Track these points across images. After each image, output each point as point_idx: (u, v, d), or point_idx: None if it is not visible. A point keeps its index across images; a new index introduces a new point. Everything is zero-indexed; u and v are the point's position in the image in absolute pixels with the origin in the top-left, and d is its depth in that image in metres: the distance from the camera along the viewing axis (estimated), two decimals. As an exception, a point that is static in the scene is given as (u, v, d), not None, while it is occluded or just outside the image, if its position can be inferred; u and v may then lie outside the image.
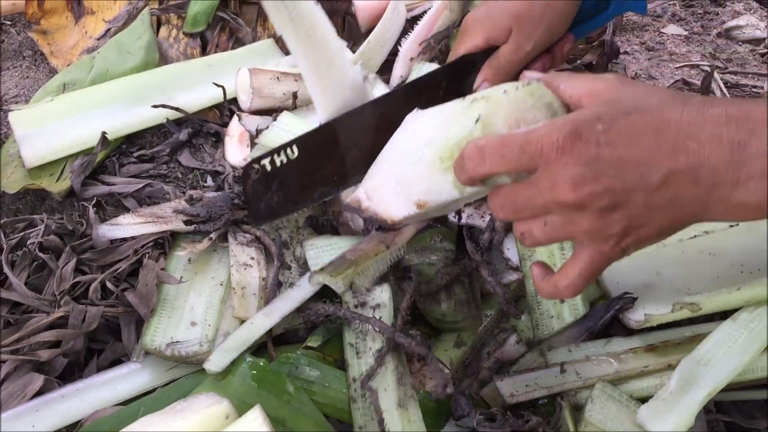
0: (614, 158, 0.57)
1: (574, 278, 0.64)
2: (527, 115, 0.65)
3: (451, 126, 0.70)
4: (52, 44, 1.47)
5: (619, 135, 0.57)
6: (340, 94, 0.88)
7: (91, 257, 1.02)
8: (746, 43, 1.49)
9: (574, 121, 0.58)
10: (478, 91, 0.87)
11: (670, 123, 0.56)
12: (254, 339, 0.93)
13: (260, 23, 1.47)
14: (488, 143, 0.62)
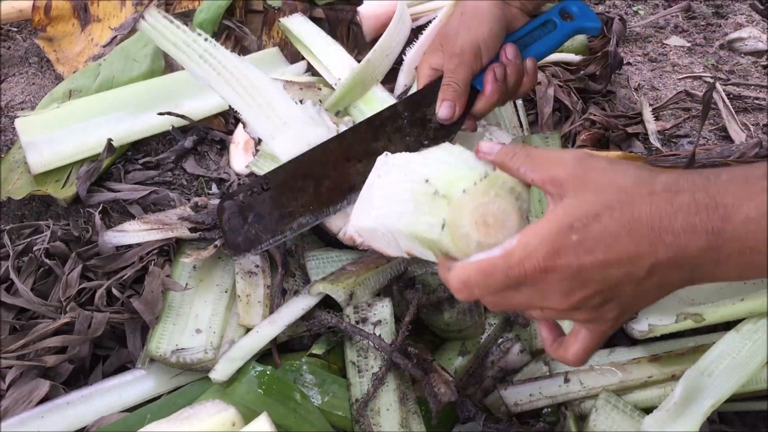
0: (597, 264, 0.58)
1: (579, 353, 0.66)
2: (492, 208, 0.64)
3: (420, 216, 0.68)
4: (58, 51, 1.48)
5: (595, 242, 0.58)
6: (298, 132, 0.94)
7: (97, 264, 1.03)
8: (748, 55, 1.50)
9: (548, 236, 0.59)
10: (438, 114, 0.92)
11: (641, 219, 0.57)
12: (260, 348, 0.93)
13: (265, 32, 1.47)
14: (471, 277, 0.63)
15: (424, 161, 0.71)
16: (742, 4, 1.63)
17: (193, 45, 0.98)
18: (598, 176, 0.60)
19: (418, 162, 0.72)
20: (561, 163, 0.62)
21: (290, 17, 1.42)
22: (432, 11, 1.41)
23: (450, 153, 0.71)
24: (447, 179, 0.67)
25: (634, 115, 1.32)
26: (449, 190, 0.65)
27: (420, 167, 0.70)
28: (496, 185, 0.65)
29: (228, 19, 1.44)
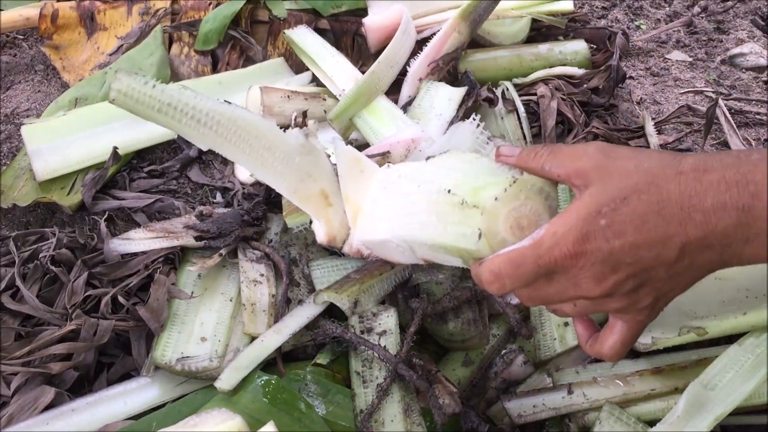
0: (627, 247, 0.58)
1: (616, 347, 0.66)
2: (525, 210, 0.65)
3: (448, 226, 0.69)
4: (64, 59, 1.48)
5: (624, 224, 0.58)
6: (292, 165, 0.91)
7: (102, 271, 1.03)
8: (749, 71, 1.51)
9: (576, 223, 0.59)
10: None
11: (670, 199, 0.57)
12: (265, 356, 0.93)
13: (271, 42, 1.48)
14: (502, 268, 0.63)
15: (437, 170, 0.71)
16: (743, 20, 1.65)
17: (178, 104, 0.87)
18: (622, 163, 0.60)
19: (430, 171, 0.72)
20: (584, 155, 0.62)
21: (295, 28, 1.43)
22: (436, 23, 1.42)
23: (463, 160, 0.71)
24: (472, 187, 0.67)
25: (637, 129, 1.33)
26: (478, 199, 0.66)
27: (435, 177, 0.71)
28: (526, 188, 0.65)
29: (233, 30, 1.45)
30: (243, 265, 1.05)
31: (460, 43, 1.34)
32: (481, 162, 0.70)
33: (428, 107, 1.25)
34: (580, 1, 1.70)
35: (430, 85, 1.30)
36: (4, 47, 1.56)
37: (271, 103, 1.26)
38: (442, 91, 1.27)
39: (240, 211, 1.10)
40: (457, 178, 0.69)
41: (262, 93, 1.26)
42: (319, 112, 1.30)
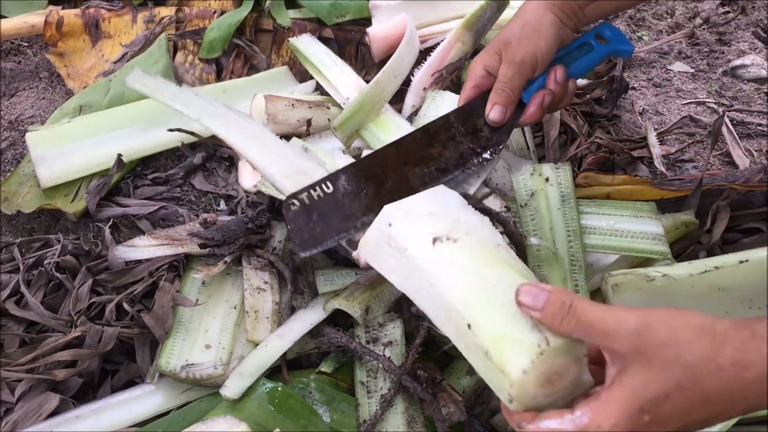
0: (675, 429, 0.60)
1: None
2: (554, 368, 0.64)
3: (474, 359, 0.69)
4: (68, 66, 1.49)
5: (668, 418, 0.59)
6: (294, 165, 1.03)
7: (107, 278, 1.03)
8: (751, 82, 1.52)
9: (619, 419, 0.60)
10: (489, 116, 0.99)
11: (712, 395, 0.58)
12: (270, 363, 0.94)
13: (275, 51, 1.49)
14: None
15: (449, 281, 0.71)
16: (744, 32, 1.65)
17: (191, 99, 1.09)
18: (661, 352, 0.59)
19: (443, 284, 0.71)
20: (618, 337, 0.61)
21: (299, 37, 1.43)
22: (440, 33, 1.43)
23: (481, 285, 0.70)
24: (493, 336, 0.65)
25: (639, 139, 1.33)
26: (503, 362, 0.64)
27: (447, 294, 0.70)
28: (553, 355, 0.64)
29: (238, 38, 1.46)
30: (247, 273, 1.05)
31: (464, 53, 1.35)
32: (500, 290, 0.68)
33: (433, 116, 1.25)
34: (582, 12, 1.71)
35: (435, 94, 1.31)
36: (9, 54, 1.57)
37: (275, 111, 1.27)
38: (447, 100, 1.28)
39: (244, 219, 1.10)
40: (474, 310, 0.68)
41: (267, 101, 1.27)
42: (322, 121, 1.31)
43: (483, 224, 0.78)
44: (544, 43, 0.96)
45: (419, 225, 0.76)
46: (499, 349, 0.64)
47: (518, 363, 0.63)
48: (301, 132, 1.30)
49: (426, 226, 0.76)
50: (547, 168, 1.10)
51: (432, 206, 0.79)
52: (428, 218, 0.77)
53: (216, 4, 1.53)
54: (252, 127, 1.07)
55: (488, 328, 0.66)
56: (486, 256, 0.72)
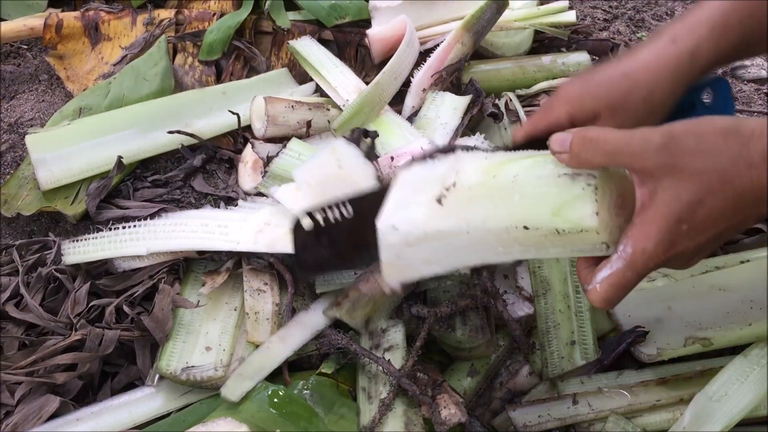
0: (711, 238, 0.63)
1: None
2: (619, 193, 0.68)
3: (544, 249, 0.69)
4: (68, 69, 1.49)
5: (705, 223, 0.62)
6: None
7: (107, 283, 1.03)
8: (751, 82, 1.52)
9: (661, 236, 0.62)
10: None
11: (744, 193, 0.60)
12: (272, 367, 0.94)
13: (274, 53, 1.49)
14: (610, 294, 0.67)
15: (478, 214, 0.70)
16: (744, 33, 1.66)
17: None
18: (690, 162, 0.61)
19: (477, 221, 0.70)
20: (646, 155, 0.62)
21: (299, 39, 1.43)
22: (440, 35, 1.43)
23: (504, 189, 0.70)
24: (550, 214, 0.66)
25: (640, 140, 1.33)
26: (576, 224, 0.65)
27: (487, 223, 0.69)
28: (605, 183, 0.66)
29: (237, 40, 1.45)
30: (247, 275, 1.05)
31: (464, 54, 1.35)
32: (532, 173, 0.69)
33: (433, 117, 1.26)
34: (582, 14, 1.71)
35: (435, 95, 1.31)
36: (8, 57, 1.57)
37: (275, 114, 1.27)
38: (447, 101, 1.28)
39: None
40: (509, 203, 0.68)
41: (267, 103, 1.27)
42: (322, 123, 1.31)
43: (459, 158, 0.75)
44: (650, 120, 0.79)
45: (416, 206, 0.74)
46: (564, 218, 0.65)
47: (586, 211, 0.64)
48: (301, 134, 1.29)
49: (421, 200, 0.74)
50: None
51: (409, 184, 0.77)
52: (417, 194, 0.75)
53: (215, 6, 1.53)
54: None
55: (541, 213, 0.66)
56: (487, 171, 0.71)
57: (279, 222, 1.03)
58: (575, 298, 0.99)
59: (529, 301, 1.01)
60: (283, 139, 1.27)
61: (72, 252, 1.04)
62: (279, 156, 1.19)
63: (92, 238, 1.05)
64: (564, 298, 0.99)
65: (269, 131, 1.28)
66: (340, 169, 1.01)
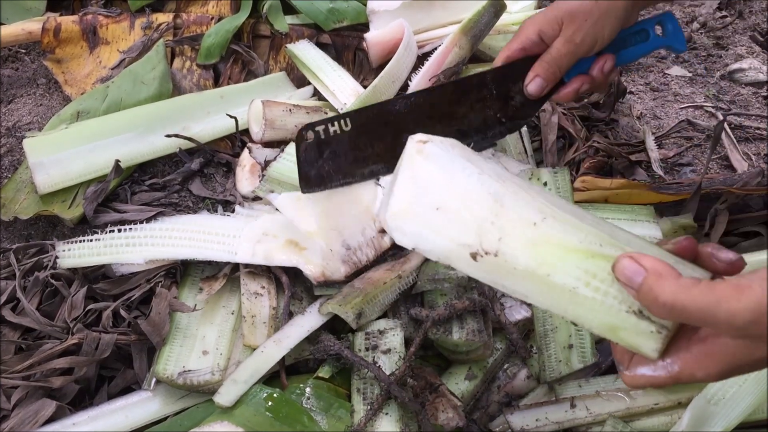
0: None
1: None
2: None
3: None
4: (66, 73, 1.49)
5: (764, 365, 0.59)
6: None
7: (104, 288, 1.03)
8: (749, 86, 1.52)
9: (717, 371, 0.59)
10: (528, 87, 0.93)
11: None
12: (265, 370, 0.93)
13: (272, 57, 1.49)
14: (640, 384, 0.64)
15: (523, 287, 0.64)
16: (742, 36, 1.66)
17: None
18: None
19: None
20: (728, 330, 0.56)
21: (297, 43, 1.44)
22: (437, 38, 1.43)
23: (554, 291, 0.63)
24: (606, 327, 0.62)
25: (637, 143, 1.33)
26: (634, 347, 0.61)
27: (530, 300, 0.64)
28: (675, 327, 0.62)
29: (236, 44, 1.46)
30: (244, 278, 1.05)
31: (461, 58, 1.35)
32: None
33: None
34: (579, 17, 1.71)
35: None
36: (7, 61, 1.57)
37: (272, 117, 1.27)
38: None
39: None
40: (574, 313, 0.62)
41: (264, 107, 1.27)
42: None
43: (499, 196, 0.64)
44: (610, 28, 0.91)
45: (438, 238, 0.65)
46: (620, 338, 0.61)
47: (649, 347, 0.60)
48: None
49: (447, 234, 0.65)
50: (546, 172, 1.10)
51: (427, 182, 0.66)
52: (440, 212, 0.65)
53: (213, 10, 1.53)
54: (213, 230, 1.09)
55: (595, 326, 0.62)
56: (537, 256, 0.62)
57: (277, 232, 1.03)
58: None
59: (527, 304, 1.01)
60: (281, 142, 1.27)
61: (68, 255, 1.04)
62: (277, 160, 1.19)
63: (88, 241, 1.04)
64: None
65: (267, 135, 1.28)
66: (349, 187, 1.02)
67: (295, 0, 1.50)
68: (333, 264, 1.01)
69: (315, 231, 1.01)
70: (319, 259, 1.00)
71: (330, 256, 1.01)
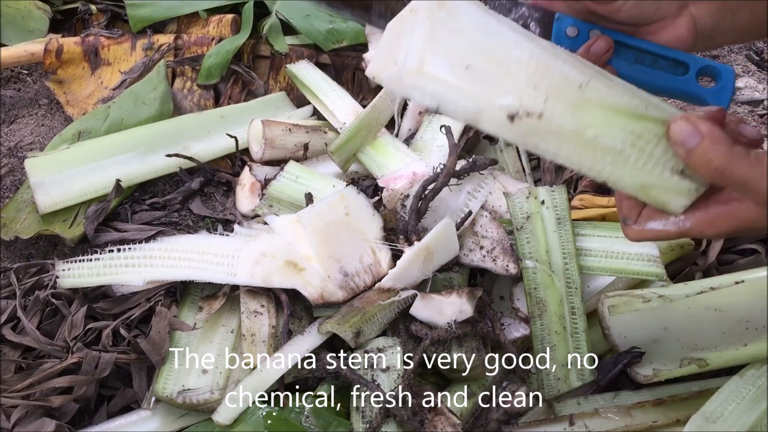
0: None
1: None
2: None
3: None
4: (68, 93, 1.50)
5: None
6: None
7: (104, 307, 1.03)
8: (745, 104, 1.53)
9: (727, 230, 0.64)
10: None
11: None
12: (264, 388, 0.93)
13: (272, 76, 1.50)
14: (649, 238, 0.70)
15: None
16: (738, 55, 1.67)
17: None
18: None
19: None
20: (760, 198, 0.61)
21: (297, 63, 1.45)
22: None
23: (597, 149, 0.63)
24: (638, 186, 0.65)
25: (635, 162, 1.34)
26: (662, 205, 0.65)
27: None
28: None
29: (236, 64, 1.47)
30: (243, 297, 1.05)
31: (459, 78, 1.36)
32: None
33: (430, 139, 1.27)
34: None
35: (432, 117, 1.32)
36: (9, 82, 1.58)
37: (272, 136, 1.28)
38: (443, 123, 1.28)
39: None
40: (611, 169, 0.63)
41: (264, 126, 1.28)
42: (320, 145, 1.32)
43: (539, 52, 0.62)
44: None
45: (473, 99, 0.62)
46: (649, 195, 0.64)
47: (678, 203, 0.64)
48: (299, 156, 1.30)
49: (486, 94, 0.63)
50: (543, 191, 1.10)
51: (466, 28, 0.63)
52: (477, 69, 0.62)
53: (214, 31, 1.55)
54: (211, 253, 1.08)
55: (628, 182, 0.64)
56: (582, 118, 0.62)
57: (275, 253, 1.03)
58: (571, 319, 0.99)
59: (525, 322, 1.01)
60: (281, 161, 1.28)
61: (68, 275, 1.04)
62: (276, 179, 1.20)
63: (87, 261, 1.05)
64: (560, 320, 0.99)
65: (267, 154, 1.29)
66: (347, 216, 1.03)
67: (294, 21, 1.51)
68: (331, 287, 1.01)
69: (312, 255, 1.02)
70: (318, 281, 1.01)
71: (328, 281, 1.01)
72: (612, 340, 0.99)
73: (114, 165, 1.28)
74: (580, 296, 1.01)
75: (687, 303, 1.00)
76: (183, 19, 1.58)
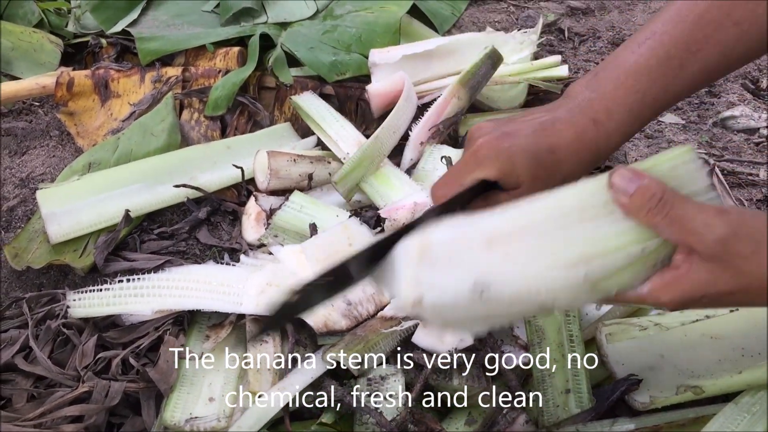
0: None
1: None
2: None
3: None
4: (78, 125, 1.54)
5: (722, 303, 0.67)
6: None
7: (113, 336, 1.06)
8: (741, 132, 1.56)
9: (677, 300, 0.66)
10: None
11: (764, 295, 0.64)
12: (269, 417, 0.95)
13: (277, 107, 1.54)
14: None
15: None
16: (733, 84, 1.70)
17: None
18: (742, 264, 0.63)
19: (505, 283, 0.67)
20: (702, 240, 0.63)
21: (301, 94, 1.48)
22: (437, 89, 1.47)
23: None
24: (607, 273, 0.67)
25: (633, 190, 1.36)
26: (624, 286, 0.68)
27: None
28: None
29: (242, 96, 1.50)
30: (249, 325, 1.07)
31: (460, 108, 1.39)
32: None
33: (431, 169, 1.30)
34: (575, 66, 1.76)
35: (433, 148, 1.35)
36: (21, 114, 1.62)
37: (277, 167, 1.31)
38: (444, 153, 1.31)
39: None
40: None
41: (269, 157, 1.31)
42: (324, 175, 1.35)
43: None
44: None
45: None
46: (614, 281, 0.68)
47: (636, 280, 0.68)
48: (303, 186, 1.33)
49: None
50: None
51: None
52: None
53: (221, 63, 1.59)
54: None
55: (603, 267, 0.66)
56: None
57: (280, 281, 1.06)
58: (569, 347, 1.01)
59: (525, 349, 1.03)
60: (286, 191, 1.31)
61: (79, 305, 1.07)
62: (281, 208, 1.23)
63: (98, 290, 1.07)
64: (558, 347, 1.01)
65: (272, 184, 1.32)
66: (350, 247, 1.05)
67: (299, 53, 1.55)
68: (334, 316, 1.04)
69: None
70: (322, 310, 1.03)
71: (331, 309, 1.04)
72: (610, 367, 1.01)
73: (123, 196, 1.31)
74: (578, 324, 1.03)
75: (683, 331, 1.02)
76: (191, 52, 1.62)
